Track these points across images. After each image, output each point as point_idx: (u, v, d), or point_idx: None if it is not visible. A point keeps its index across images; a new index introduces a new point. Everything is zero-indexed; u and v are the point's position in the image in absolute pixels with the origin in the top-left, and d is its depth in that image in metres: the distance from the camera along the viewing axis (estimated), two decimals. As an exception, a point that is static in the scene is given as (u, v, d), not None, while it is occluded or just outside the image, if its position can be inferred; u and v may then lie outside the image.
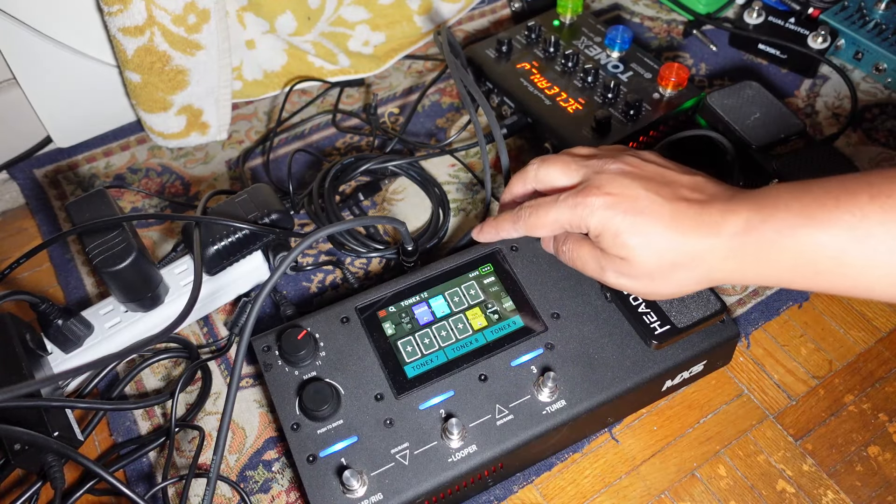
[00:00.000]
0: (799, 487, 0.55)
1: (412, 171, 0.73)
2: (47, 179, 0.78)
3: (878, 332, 0.63)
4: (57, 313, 0.57)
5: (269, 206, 0.62)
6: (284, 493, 0.55)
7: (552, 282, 0.60)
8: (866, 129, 0.78)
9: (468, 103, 0.65)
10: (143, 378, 0.62)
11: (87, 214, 0.57)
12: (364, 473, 0.50)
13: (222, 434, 0.49)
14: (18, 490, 0.55)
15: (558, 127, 0.72)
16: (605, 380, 0.54)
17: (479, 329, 0.57)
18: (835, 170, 0.64)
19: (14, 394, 0.41)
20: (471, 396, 0.54)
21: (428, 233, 0.69)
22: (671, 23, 0.92)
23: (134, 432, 0.59)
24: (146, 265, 0.57)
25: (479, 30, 0.93)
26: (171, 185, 0.77)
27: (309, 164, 0.78)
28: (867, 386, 0.60)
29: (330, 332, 0.57)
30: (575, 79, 0.76)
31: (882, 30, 0.82)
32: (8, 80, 0.73)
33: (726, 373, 0.61)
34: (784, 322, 0.64)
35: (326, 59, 0.84)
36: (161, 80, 0.71)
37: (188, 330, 0.65)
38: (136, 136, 0.81)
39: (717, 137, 0.68)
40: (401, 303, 0.59)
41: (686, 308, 0.55)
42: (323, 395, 0.52)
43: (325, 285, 0.68)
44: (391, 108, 0.84)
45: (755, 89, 0.71)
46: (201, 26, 0.69)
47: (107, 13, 0.66)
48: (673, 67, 0.73)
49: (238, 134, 0.82)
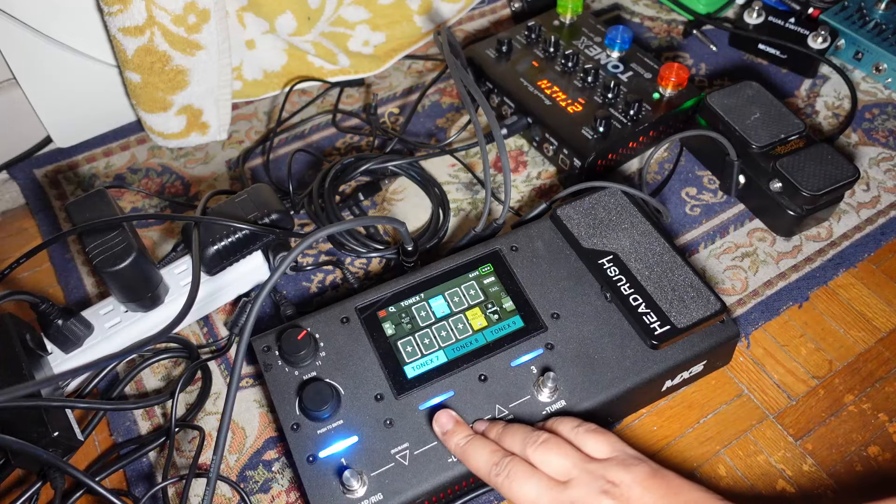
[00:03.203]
0: (799, 487, 0.55)
1: (412, 171, 0.73)
2: (47, 179, 0.78)
3: (878, 332, 0.63)
4: (57, 313, 0.57)
5: (269, 206, 0.62)
6: (284, 493, 0.55)
7: (552, 282, 0.60)
8: (866, 129, 0.78)
9: (468, 103, 0.65)
10: (143, 378, 0.62)
11: (87, 214, 0.57)
12: (364, 473, 0.50)
13: (222, 434, 0.49)
14: (18, 490, 0.55)
15: (558, 127, 0.72)
16: (605, 380, 0.54)
17: (479, 329, 0.57)
18: (835, 170, 0.64)
19: (14, 394, 0.41)
20: (471, 396, 0.54)
21: (428, 233, 0.69)
22: (671, 23, 0.92)
23: (134, 432, 0.59)
24: (146, 265, 0.57)
25: (479, 30, 0.93)
26: (171, 185, 0.77)
27: (309, 164, 0.78)
28: (867, 386, 0.60)
29: (330, 332, 0.57)
30: (575, 79, 0.76)
31: (882, 30, 0.82)
32: (8, 80, 0.73)
33: (726, 373, 0.61)
34: (784, 322, 0.64)
35: (326, 59, 0.84)
36: (161, 80, 0.71)
37: (188, 330, 0.65)
38: (136, 136, 0.81)
39: (718, 137, 0.67)
40: (401, 303, 0.59)
41: (686, 308, 0.55)
42: (323, 395, 0.52)
43: (325, 285, 0.68)
44: (391, 108, 0.84)
45: (755, 89, 0.71)
46: (201, 26, 0.69)
47: (107, 13, 0.66)
48: (673, 67, 0.73)
49: (238, 134, 0.82)
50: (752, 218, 0.71)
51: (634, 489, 0.47)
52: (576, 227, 0.61)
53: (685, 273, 0.57)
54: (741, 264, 0.67)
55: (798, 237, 0.69)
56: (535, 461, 0.49)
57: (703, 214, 0.71)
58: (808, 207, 0.65)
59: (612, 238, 0.60)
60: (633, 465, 0.48)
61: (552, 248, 0.62)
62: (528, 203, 0.73)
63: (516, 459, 0.49)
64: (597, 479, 0.47)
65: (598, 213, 0.62)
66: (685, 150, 0.77)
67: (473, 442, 0.51)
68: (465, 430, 0.52)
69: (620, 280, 0.57)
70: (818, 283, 0.66)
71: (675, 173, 0.75)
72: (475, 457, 0.50)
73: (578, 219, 0.62)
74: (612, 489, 0.47)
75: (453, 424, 0.52)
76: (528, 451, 0.49)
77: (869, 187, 0.73)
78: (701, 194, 0.73)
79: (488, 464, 0.49)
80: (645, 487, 0.47)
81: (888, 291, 0.66)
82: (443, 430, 0.52)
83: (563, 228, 0.62)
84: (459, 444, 0.51)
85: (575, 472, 0.48)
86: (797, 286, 0.66)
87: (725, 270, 0.67)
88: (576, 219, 0.62)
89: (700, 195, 0.73)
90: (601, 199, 0.63)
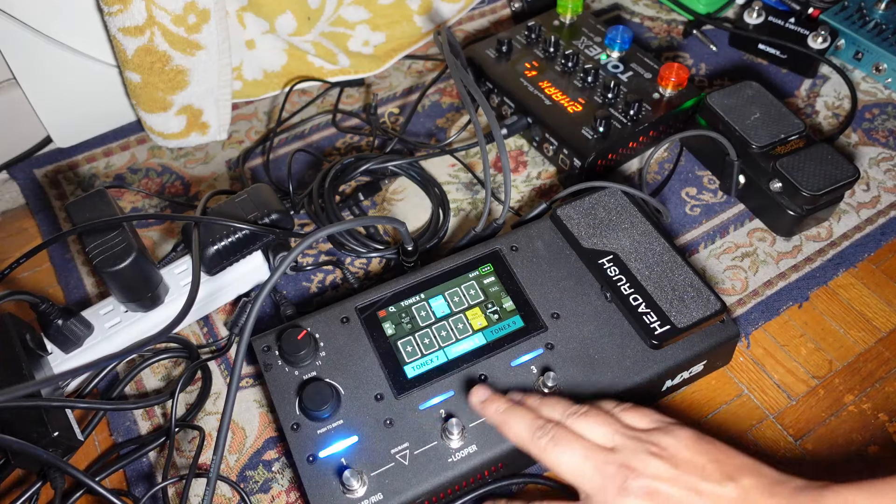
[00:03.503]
0: (799, 487, 0.55)
1: (412, 171, 0.73)
2: (47, 179, 0.78)
3: (878, 332, 0.63)
4: (57, 313, 0.57)
5: (269, 206, 0.62)
6: (284, 493, 0.55)
7: (552, 282, 0.60)
8: (866, 129, 0.78)
9: (468, 103, 0.65)
10: (143, 378, 0.62)
11: (87, 214, 0.57)
12: (364, 473, 0.50)
13: (222, 434, 0.49)
14: (18, 490, 0.55)
15: (558, 127, 0.72)
16: (606, 380, 0.54)
17: (479, 329, 0.57)
18: (835, 170, 0.64)
19: (14, 394, 0.41)
20: (471, 396, 0.54)
21: (428, 233, 0.69)
22: (671, 23, 0.92)
23: (134, 432, 0.59)
24: (146, 265, 0.57)
25: (479, 30, 0.93)
26: (171, 185, 0.77)
27: (309, 164, 0.78)
28: (867, 386, 0.60)
29: (330, 332, 0.57)
30: (575, 79, 0.76)
31: (882, 30, 0.82)
32: (8, 80, 0.73)
33: (726, 373, 0.61)
34: (784, 322, 0.64)
35: (326, 59, 0.84)
36: (161, 80, 0.71)
37: (188, 330, 0.65)
38: (136, 136, 0.81)
39: (718, 137, 0.67)
40: (401, 303, 0.59)
41: (686, 308, 0.55)
42: (323, 395, 0.52)
43: (325, 285, 0.68)
44: (391, 108, 0.84)
45: (755, 89, 0.71)
46: (201, 26, 0.69)
47: (107, 13, 0.66)
48: (673, 67, 0.73)
49: (238, 134, 0.82)
50: (752, 218, 0.71)
51: (683, 452, 0.45)
52: (576, 227, 0.61)
53: (685, 273, 0.57)
54: (741, 264, 0.67)
55: (798, 237, 0.69)
56: (577, 429, 0.48)
57: (703, 214, 0.71)
58: (808, 207, 0.65)
59: (612, 238, 0.60)
60: (677, 431, 0.47)
61: (552, 248, 0.62)
62: (528, 203, 0.74)
63: (560, 425, 0.48)
64: (643, 444, 0.46)
65: (598, 213, 0.62)
66: (685, 150, 0.77)
67: (513, 409, 0.50)
68: (504, 398, 0.51)
69: (620, 280, 0.57)
70: (818, 283, 0.66)
71: (675, 173, 0.75)
72: (516, 423, 0.49)
73: (578, 219, 0.62)
74: (661, 452, 0.45)
75: (491, 394, 0.52)
76: (570, 420, 0.48)
77: (869, 187, 0.73)
78: (701, 194, 0.73)
79: (530, 429, 0.48)
80: (693, 451, 0.45)
81: (888, 291, 0.66)
82: (480, 399, 0.52)
83: (563, 228, 0.62)
84: (499, 412, 0.50)
85: (618, 438, 0.47)
86: (797, 286, 0.66)
87: (725, 270, 0.67)
88: (576, 219, 0.62)
89: (700, 195, 0.73)
90: (601, 199, 0.63)
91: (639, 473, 0.45)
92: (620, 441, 0.47)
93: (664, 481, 0.44)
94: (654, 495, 0.44)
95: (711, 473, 0.44)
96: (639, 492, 0.44)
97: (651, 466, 0.45)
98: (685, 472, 0.44)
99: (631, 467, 0.45)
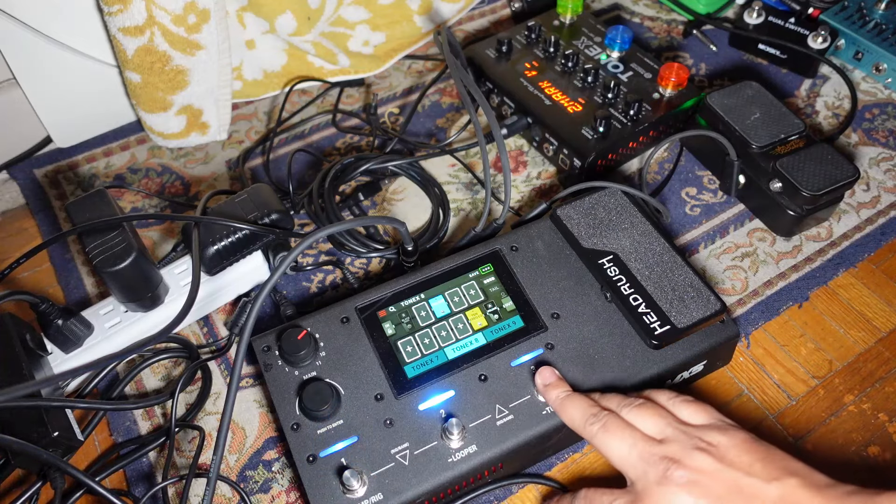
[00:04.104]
0: (799, 487, 0.55)
1: (412, 171, 0.73)
2: (47, 179, 0.78)
3: (878, 332, 0.63)
4: (57, 313, 0.57)
5: (269, 206, 0.62)
6: (284, 493, 0.55)
7: (552, 282, 0.60)
8: (866, 129, 0.78)
9: (468, 103, 0.65)
10: (143, 378, 0.62)
11: (87, 214, 0.57)
12: (364, 473, 0.50)
13: (222, 434, 0.49)
14: (18, 490, 0.55)
15: (558, 127, 0.72)
16: (606, 380, 0.54)
17: (479, 329, 0.57)
18: (835, 170, 0.64)
19: (14, 394, 0.41)
20: (471, 396, 0.54)
21: (428, 233, 0.69)
22: (671, 23, 0.92)
23: (134, 432, 0.59)
24: (146, 265, 0.57)
25: (479, 30, 0.93)
26: (171, 185, 0.77)
27: (309, 164, 0.78)
28: (867, 386, 0.60)
29: (330, 332, 0.57)
30: (575, 79, 0.76)
31: (882, 30, 0.82)
32: (8, 80, 0.73)
33: (726, 373, 0.61)
34: (784, 322, 0.64)
35: (326, 59, 0.84)
36: (161, 80, 0.71)
37: (188, 330, 0.65)
38: (136, 136, 0.81)
39: (718, 137, 0.67)
40: (401, 303, 0.59)
41: (686, 308, 0.55)
42: (323, 395, 0.52)
43: (325, 285, 0.68)
44: (391, 108, 0.84)
45: (755, 89, 0.71)
46: (201, 26, 0.69)
47: (107, 13, 0.66)
48: (673, 67, 0.73)
49: (238, 134, 0.82)
50: (752, 218, 0.71)
51: (731, 450, 0.46)
52: (576, 227, 0.61)
53: (685, 273, 0.57)
54: (741, 264, 0.67)
55: (798, 237, 0.69)
56: (629, 419, 0.49)
57: (703, 214, 0.71)
58: (808, 207, 0.65)
59: (612, 238, 0.60)
60: (730, 431, 0.47)
61: (552, 248, 0.62)
62: (528, 203, 0.74)
63: (613, 414, 0.50)
64: (692, 439, 0.47)
65: (598, 213, 0.62)
66: (685, 150, 0.77)
67: (573, 396, 0.52)
68: (566, 385, 0.53)
69: (620, 280, 0.57)
70: (818, 283, 0.66)
71: (675, 173, 0.75)
72: (573, 408, 0.51)
73: (578, 219, 0.62)
74: (709, 447, 0.46)
75: (556, 379, 0.53)
76: (624, 410, 0.50)
77: (869, 187, 0.73)
78: (701, 194, 0.73)
79: (585, 415, 0.50)
80: (743, 450, 0.46)
81: (888, 291, 0.66)
82: (545, 382, 0.53)
83: (563, 228, 0.62)
84: (559, 397, 0.52)
85: (669, 431, 0.48)
86: (797, 286, 0.66)
87: (725, 270, 0.67)
88: (576, 219, 0.62)
89: (700, 195, 0.73)
90: (601, 199, 0.63)
91: (682, 465, 0.45)
92: (671, 433, 0.48)
93: (706, 475, 0.45)
94: (694, 486, 0.44)
95: (758, 472, 0.44)
96: (679, 481, 0.45)
97: (696, 460, 0.45)
98: (729, 468, 0.45)
99: (675, 459, 0.46)
